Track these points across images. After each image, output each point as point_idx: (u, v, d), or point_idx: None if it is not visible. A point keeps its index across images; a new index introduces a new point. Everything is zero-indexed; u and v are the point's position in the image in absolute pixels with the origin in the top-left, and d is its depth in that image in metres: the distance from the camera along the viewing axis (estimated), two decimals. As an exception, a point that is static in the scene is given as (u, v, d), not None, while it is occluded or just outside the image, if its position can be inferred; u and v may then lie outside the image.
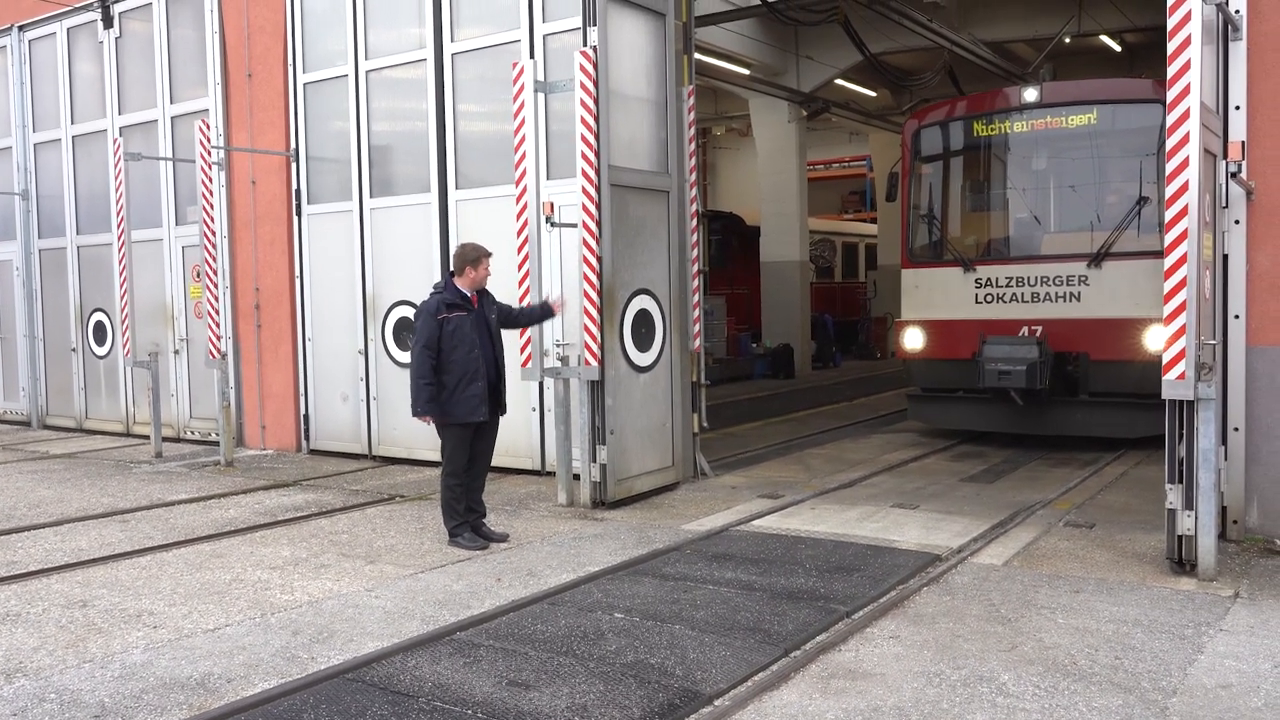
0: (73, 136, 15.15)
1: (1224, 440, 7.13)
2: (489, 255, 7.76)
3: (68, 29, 15.05)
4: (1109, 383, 10.88)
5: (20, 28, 15.63)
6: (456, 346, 7.50)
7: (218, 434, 12.30)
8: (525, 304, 8.91)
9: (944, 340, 11.84)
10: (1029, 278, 11.30)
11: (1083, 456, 11.16)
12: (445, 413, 7.56)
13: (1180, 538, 6.52)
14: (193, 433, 13.89)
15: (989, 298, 11.55)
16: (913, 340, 12.14)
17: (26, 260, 15.96)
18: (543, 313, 8.44)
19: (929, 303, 12.07)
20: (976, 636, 5.47)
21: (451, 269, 7.76)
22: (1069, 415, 11.27)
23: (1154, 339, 9.84)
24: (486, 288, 7.86)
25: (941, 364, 11.94)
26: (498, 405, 7.82)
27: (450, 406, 7.54)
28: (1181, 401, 6.42)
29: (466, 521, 7.77)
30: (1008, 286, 11.41)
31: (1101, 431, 11.12)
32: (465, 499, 7.78)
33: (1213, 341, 6.86)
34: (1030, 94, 11.54)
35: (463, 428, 7.63)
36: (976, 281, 11.65)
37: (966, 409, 11.98)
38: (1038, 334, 11.05)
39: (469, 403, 7.53)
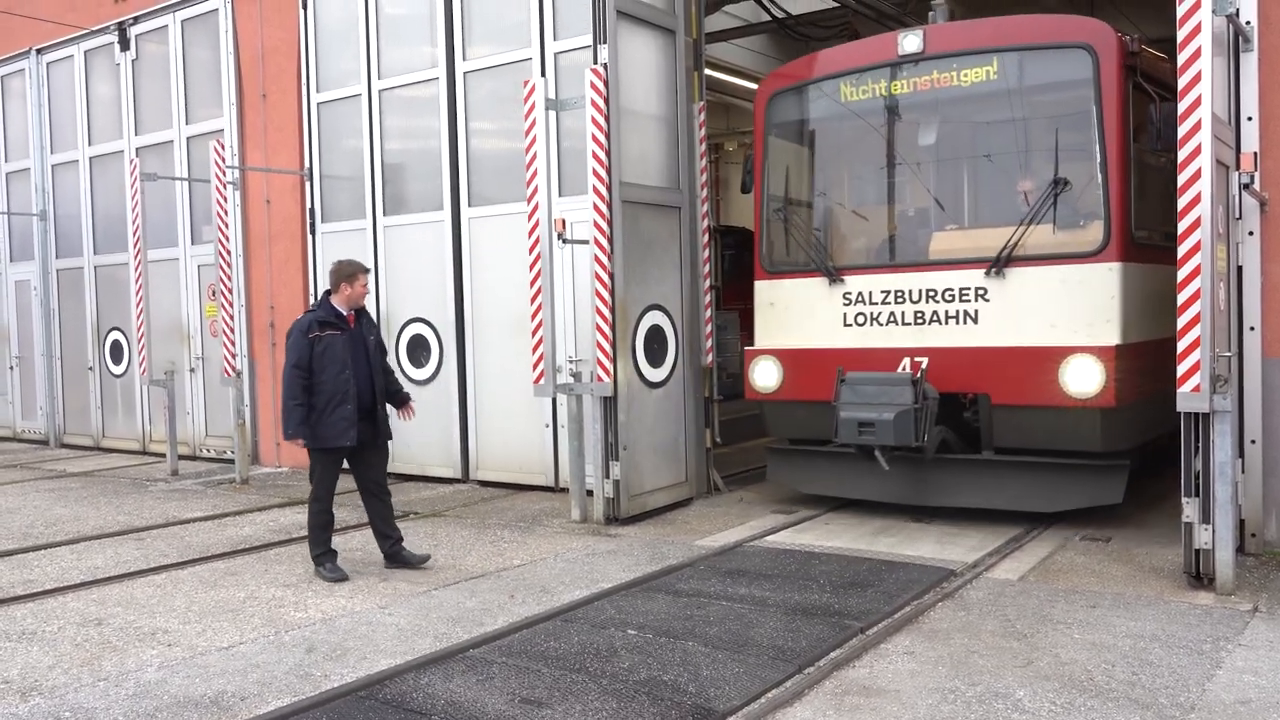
0: (90, 157, 15.30)
1: (1241, 453, 7.08)
2: (366, 272, 7.48)
3: (85, 52, 15.21)
4: (1018, 435, 8.07)
5: (38, 51, 15.80)
6: (326, 367, 7.18)
7: (233, 452, 12.35)
8: (536, 319, 8.94)
9: (804, 376, 8.88)
10: (911, 291, 8.50)
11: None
12: (313, 436, 7.23)
13: (1197, 551, 6.47)
14: (208, 450, 13.95)
15: (861, 318, 8.74)
16: (764, 376, 9.14)
17: (44, 280, 16.10)
18: (394, 397, 7.73)
19: (786, 325, 9.21)
20: (992, 652, 5.43)
21: (329, 286, 7.50)
22: (965, 480, 8.38)
23: (1078, 375, 7.57)
24: (367, 309, 7.66)
25: (801, 408, 8.94)
26: (375, 428, 7.48)
27: (318, 429, 7.21)
28: (1197, 414, 6.37)
29: (333, 550, 7.47)
30: (884, 303, 8.61)
31: (1006, 503, 8.22)
32: (333, 525, 7.51)
33: (1228, 354, 6.82)
34: (910, 42, 8.58)
35: (330, 452, 7.31)
36: (845, 297, 8.81)
37: (832, 470, 9.00)
38: (921, 367, 8.26)
39: (337, 426, 7.18)
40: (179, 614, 6.57)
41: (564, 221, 9.20)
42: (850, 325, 8.81)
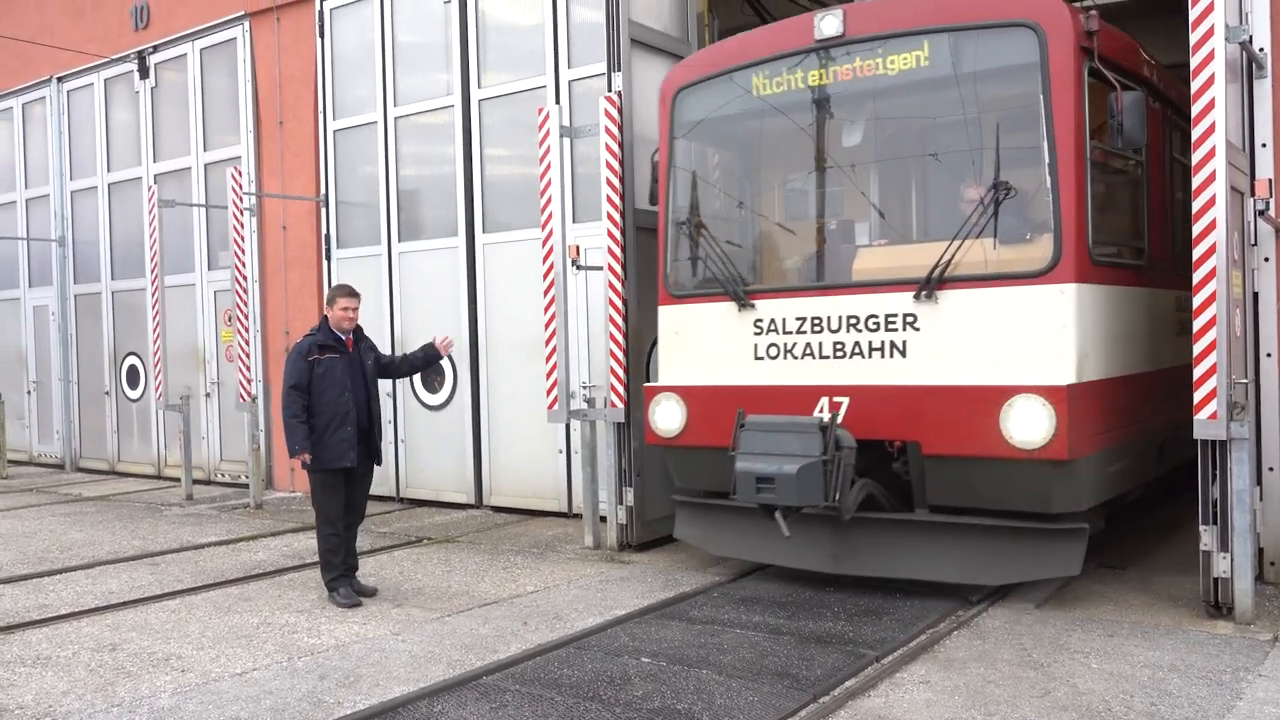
0: (109, 184, 15.45)
1: (1259, 480, 7.03)
2: (346, 295, 7.51)
3: (105, 80, 15.39)
4: (954, 491, 6.76)
5: (59, 79, 15.99)
6: (327, 389, 7.28)
7: (248, 476, 12.39)
8: (550, 345, 8.95)
9: (711, 418, 7.50)
10: (830, 319, 7.17)
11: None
12: (315, 458, 7.31)
13: (1216, 580, 6.41)
14: (223, 475, 13.99)
15: (773, 350, 7.42)
16: (666, 418, 7.82)
17: (62, 305, 16.22)
18: (425, 357, 8.00)
19: (692, 358, 7.87)
20: (1009, 682, 5.39)
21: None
22: (894, 545, 7.06)
23: (1022, 421, 6.29)
24: (365, 332, 7.73)
25: (708, 456, 7.51)
26: (369, 452, 7.57)
27: (320, 451, 7.29)
28: (1214, 441, 6.34)
29: (346, 574, 7.49)
30: (799, 332, 7.30)
31: (940, 573, 6.90)
32: (344, 549, 7.49)
33: (1244, 380, 6.78)
34: (828, 24, 7.32)
35: (331, 474, 7.36)
36: (756, 325, 7.50)
37: (747, 529, 7.53)
38: (841, 409, 6.97)
39: (338, 447, 7.27)
40: (193, 640, 6.57)
41: (578, 248, 9.23)
42: (762, 358, 7.47)
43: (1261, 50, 7.09)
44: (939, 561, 6.89)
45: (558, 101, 10.28)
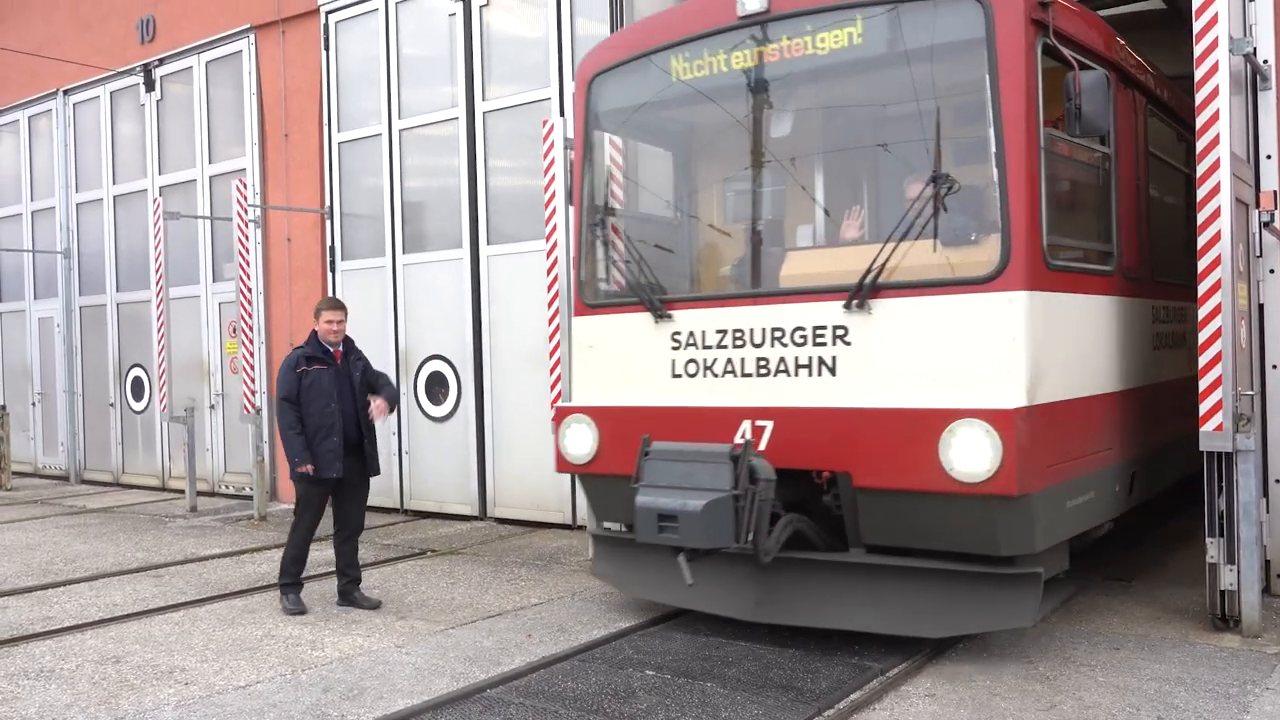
0: (114, 196, 15.50)
1: (1265, 492, 7.00)
2: (331, 308, 7.58)
3: (111, 93, 15.45)
4: (890, 529, 6.00)
5: (65, 92, 16.06)
6: (313, 400, 7.35)
7: (251, 488, 12.39)
8: (554, 357, 8.96)
9: (626, 444, 6.55)
10: (753, 331, 6.37)
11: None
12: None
13: (1223, 593, 6.38)
14: (227, 487, 13.99)
15: (692, 367, 6.60)
16: (577, 442, 6.95)
17: (67, 317, 16.26)
18: (387, 390, 7.77)
19: (607, 375, 7.05)
20: (1014, 695, 5.37)
21: None
22: (826, 590, 6.25)
23: (964, 450, 5.47)
24: (355, 344, 7.74)
25: (622, 486, 6.52)
26: (362, 464, 7.59)
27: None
28: (1220, 453, 6.32)
29: (299, 582, 7.57)
30: (720, 347, 6.49)
31: (876, 623, 6.10)
32: (335, 560, 7.59)
33: (1250, 392, 6.76)
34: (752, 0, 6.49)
35: (316, 485, 7.43)
36: (674, 338, 6.68)
37: (661, 568, 6.55)
38: (764, 434, 6.19)
39: (324, 458, 7.32)
40: (197, 652, 6.56)
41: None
42: (680, 376, 6.65)
43: (1266, 62, 7.09)
44: (873, 610, 6.10)
45: (562, 113, 10.30)
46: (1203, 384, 6.25)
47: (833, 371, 6.10)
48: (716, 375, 6.53)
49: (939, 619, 5.95)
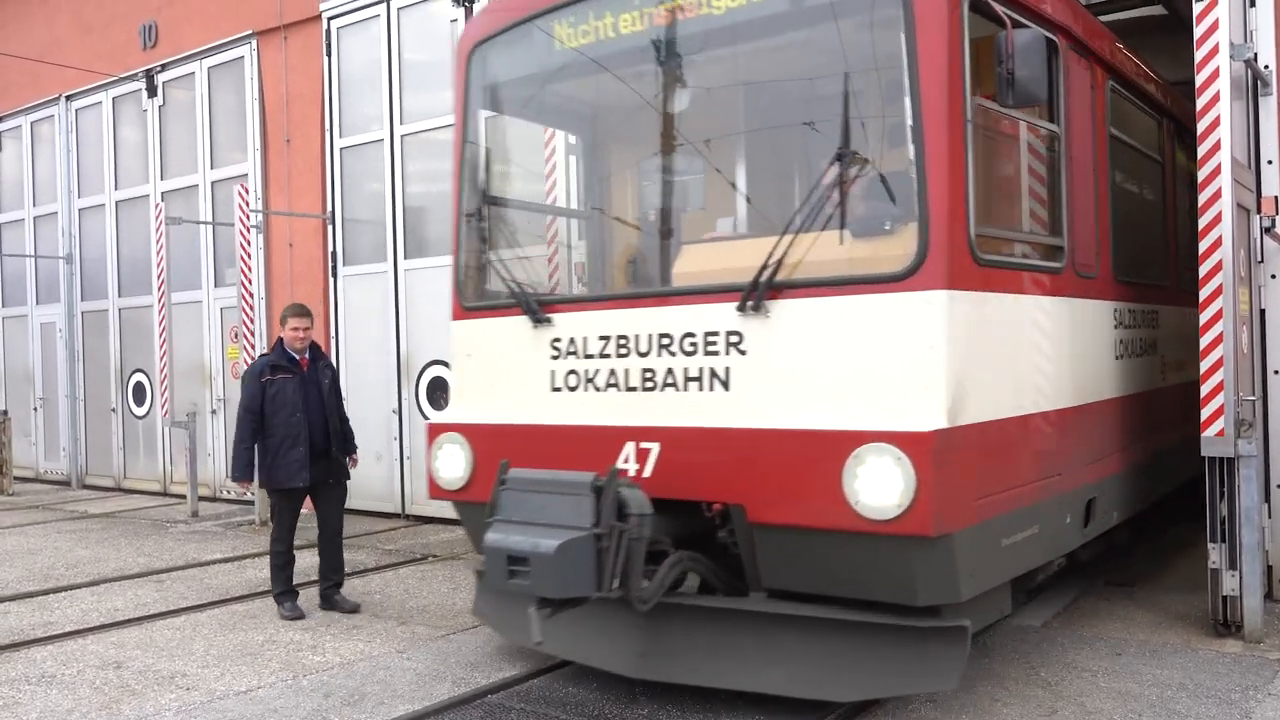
0: (116, 202, 15.52)
1: (1267, 497, 7.00)
2: (296, 315, 7.56)
3: (113, 98, 15.48)
4: (792, 572, 5.18)
5: (67, 97, 16.08)
6: (279, 409, 7.33)
7: (253, 493, 12.37)
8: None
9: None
10: (639, 338, 5.50)
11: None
12: (267, 477, 7.43)
13: (1224, 598, 6.38)
14: (228, 492, 13.98)
15: (573, 379, 5.76)
16: (449, 464, 6.09)
17: (69, 322, 16.27)
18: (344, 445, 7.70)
19: (486, 387, 6.19)
20: (1016, 700, 5.36)
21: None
22: (724, 643, 5.37)
23: (871, 481, 4.63)
24: (322, 350, 7.73)
25: None
26: (330, 471, 7.54)
27: (272, 471, 7.37)
28: (1222, 459, 6.32)
29: (293, 589, 7.58)
30: (603, 356, 5.64)
31: (775, 683, 5.19)
32: (299, 564, 7.60)
33: (1252, 398, 6.76)
34: None
35: (285, 494, 7.41)
36: (554, 345, 5.83)
37: (556, 620, 5.26)
38: (648, 458, 5.34)
39: (289, 468, 7.29)
40: (198, 657, 6.56)
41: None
42: (560, 389, 5.78)
43: (1266, 67, 7.10)
44: (774, 667, 5.20)
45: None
46: (1204, 389, 6.25)
47: (725, 385, 5.19)
48: (599, 389, 5.62)
49: (848, 679, 5.05)
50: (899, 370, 4.74)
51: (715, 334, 5.23)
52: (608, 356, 5.61)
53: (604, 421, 5.54)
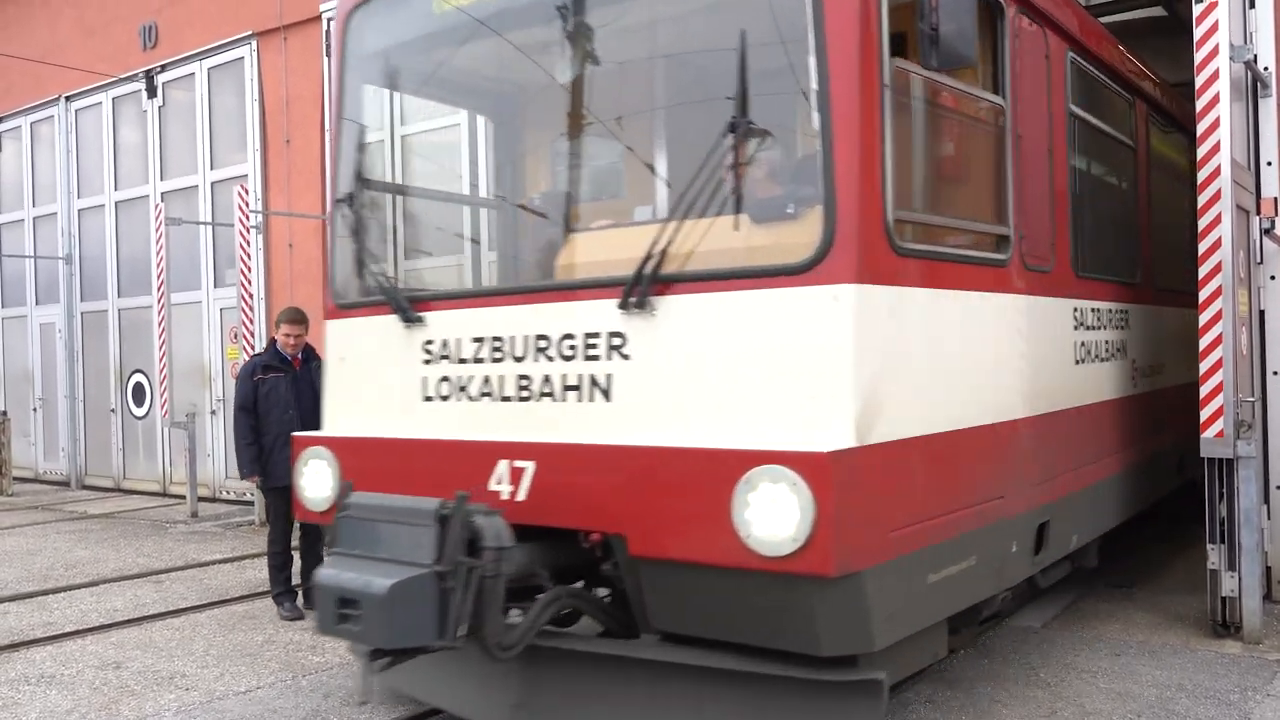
0: (116, 202, 15.52)
1: (1266, 499, 7.00)
2: (288, 322, 7.63)
3: (113, 99, 15.48)
4: (684, 614, 4.53)
5: (67, 98, 16.09)
6: (271, 409, 7.42)
7: (252, 494, 12.38)
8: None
9: (371, 488, 4.81)
10: (514, 340, 4.83)
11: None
12: (263, 475, 7.52)
13: (1224, 599, 6.38)
14: (228, 492, 13.99)
15: (446, 387, 5.07)
16: (315, 483, 5.36)
17: (69, 323, 16.27)
18: None
19: (355, 396, 5.53)
20: (1015, 701, 5.36)
21: None
22: (606, 692, 4.74)
23: (763, 511, 3.93)
24: (315, 351, 7.69)
25: None
26: None
27: (267, 468, 7.46)
28: (1221, 460, 6.32)
29: (291, 589, 7.60)
30: (477, 361, 4.97)
31: None
32: (297, 565, 7.63)
33: (1251, 399, 6.77)
34: None
35: (278, 492, 7.38)
36: (426, 349, 5.15)
37: (424, 662, 4.76)
38: (524, 479, 4.63)
39: (281, 465, 7.15)
40: (197, 658, 6.56)
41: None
42: (432, 398, 5.10)
43: (1266, 69, 7.11)
44: None
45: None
46: (1204, 390, 6.25)
47: (606, 395, 4.51)
48: (472, 399, 4.94)
49: None
50: (799, 379, 4.08)
51: (596, 336, 4.55)
52: (481, 361, 4.92)
53: (476, 436, 4.85)
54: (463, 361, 4.99)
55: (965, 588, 4.85)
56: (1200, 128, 6.30)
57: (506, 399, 4.84)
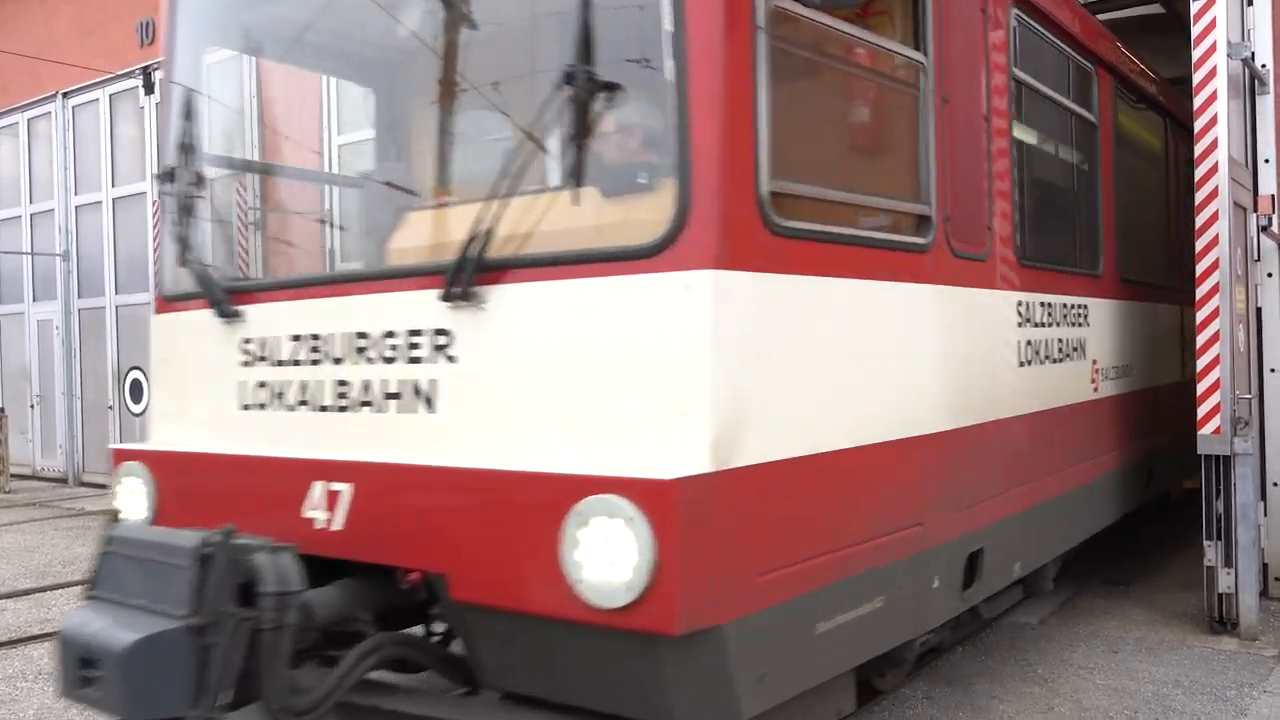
0: (113, 199, 15.51)
1: (1263, 495, 7.02)
2: None
3: (110, 95, 15.46)
4: (519, 672, 3.79)
5: (64, 95, 16.07)
6: None
7: (250, 491, 12.38)
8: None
9: (188, 510, 4.39)
10: (333, 338, 4.16)
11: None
12: None
13: (1220, 596, 6.39)
14: (225, 490, 13.99)
15: (263, 394, 4.39)
16: (130, 503, 4.71)
17: (66, 320, 16.26)
18: None
19: (178, 402, 4.83)
20: (1012, 697, 5.37)
21: None
22: None
23: (594, 551, 3.21)
24: None
25: None
26: None
27: None
28: (1218, 456, 6.33)
29: None
30: (295, 363, 4.28)
31: None
32: None
33: (1248, 396, 6.78)
34: None
35: None
36: (244, 348, 4.45)
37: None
38: (340, 505, 3.92)
39: None
40: (195, 654, 6.55)
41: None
42: (250, 406, 4.41)
43: (1264, 66, 7.11)
44: None
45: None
46: (1201, 387, 6.26)
47: (430, 405, 3.81)
48: (289, 407, 4.23)
49: None
50: (645, 388, 3.33)
51: (419, 332, 3.85)
52: (299, 363, 4.20)
53: (291, 452, 4.13)
54: (280, 364, 4.27)
55: (870, 634, 4.12)
56: (1198, 125, 6.31)
57: (325, 408, 4.12)
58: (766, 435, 3.47)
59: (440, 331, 3.79)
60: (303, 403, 4.22)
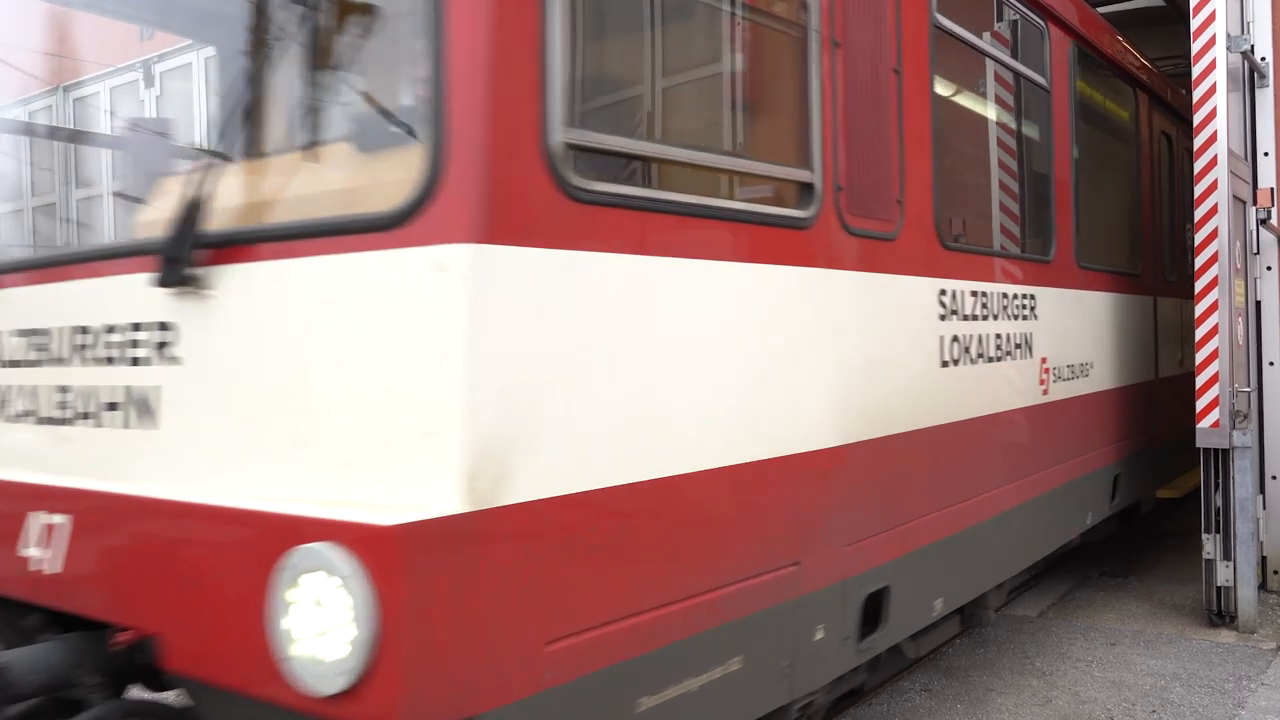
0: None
1: (1262, 488, 7.02)
2: None
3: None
4: None
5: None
6: None
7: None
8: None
9: None
10: (56, 333, 3.34)
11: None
12: None
13: (1219, 589, 6.40)
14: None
15: (4, 399, 3.58)
16: None
17: (66, 314, 16.25)
18: None
19: None
20: (1010, 690, 5.38)
21: None
22: None
23: (308, 620, 2.41)
24: None
25: None
26: None
27: None
28: (1216, 450, 6.33)
29: None
30: (13, 365, 3.50)
31: None
32: None
33: (1247, 389, 6.78)
34: None
35: None
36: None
37: None
38: (56, 543, 3.09)
39: None
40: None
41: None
42: (10, 420, 3.71)
43: (1263, 59, 7.10)
44: None
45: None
46: (1200, 380, 6.27)
47: (152, 418, 3.05)
48: (10, 419, 3.54)
49: None
50: (386, 400, 2.58)
51: (141, 325, 3.07)
52: (20, 364, 3.46)
53: (7, 475, 3.36)
54: (12, 365, 3.49)
55: (721, 705, 3.27)
56: (1197, 118, 6.30)
57: (46, 420, 3.36)
58: (555, 463, 2.67)
59: (162, 325, 2.98)
60: (26, 414, 3.43)
